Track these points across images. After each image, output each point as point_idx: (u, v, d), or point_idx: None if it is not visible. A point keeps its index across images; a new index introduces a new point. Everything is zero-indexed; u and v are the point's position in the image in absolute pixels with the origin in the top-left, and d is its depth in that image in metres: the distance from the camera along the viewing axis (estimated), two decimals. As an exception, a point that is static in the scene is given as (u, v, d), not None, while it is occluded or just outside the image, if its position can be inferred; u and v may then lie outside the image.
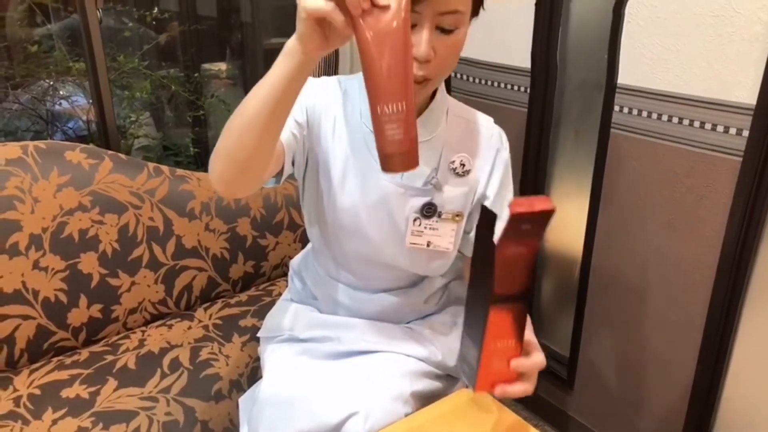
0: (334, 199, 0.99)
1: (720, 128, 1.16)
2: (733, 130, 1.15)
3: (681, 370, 1.33)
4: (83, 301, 1.31)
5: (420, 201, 0.98)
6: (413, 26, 0.83)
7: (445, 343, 1.09)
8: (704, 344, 1.27)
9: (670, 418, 1.38)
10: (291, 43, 0.70)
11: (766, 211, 1.17)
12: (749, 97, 1.11)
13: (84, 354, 1.28)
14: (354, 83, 1.02)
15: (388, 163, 0.70)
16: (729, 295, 1.21)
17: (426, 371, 1.05)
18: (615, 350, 1.48)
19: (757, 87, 1.09)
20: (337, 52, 1.95)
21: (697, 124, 1.19)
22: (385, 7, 0.66)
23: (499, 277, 0.69)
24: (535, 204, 0.66)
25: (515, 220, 0.65)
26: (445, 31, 0.84)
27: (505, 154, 1.03)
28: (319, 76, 1.70)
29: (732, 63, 1.12)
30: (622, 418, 1.51)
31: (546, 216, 0.66)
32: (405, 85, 0.68)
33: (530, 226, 0.66)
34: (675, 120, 1.23)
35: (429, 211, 0.99)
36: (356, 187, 0.98)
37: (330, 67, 1.97)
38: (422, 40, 0.82)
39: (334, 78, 1.04)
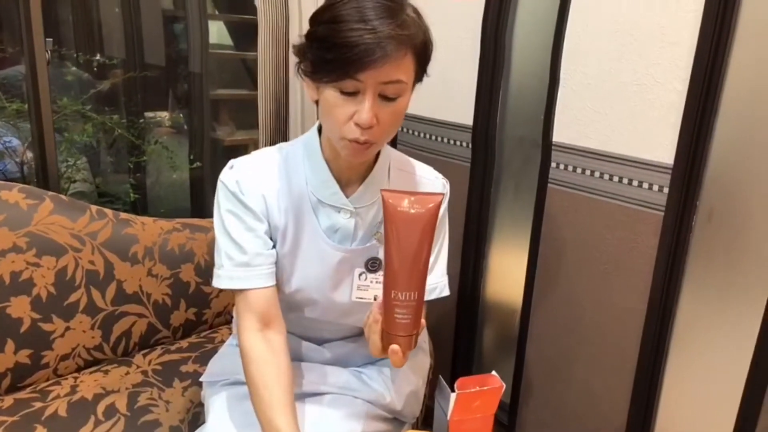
0: (289, 271, 1.00)
1: (645, 185, 1.25)
2: (655, 187, 1.23)
3: (616, 410, 1.37)
4: (9, 346, 1.23)
5: (364, 257, 1.00)
6: (356, 93, 0.85)
7: (394, 387, 1.10)
8: (636, 385, 1.32)
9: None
10: None
11: (685, 262, 1.25)
12: (668, 157, 1.20)
13: (8, 401, 1.19)
14: (297, 149, 1.01)
15: (389, 340, 0.75)
16: (657, 338, 1.28)
17: (374, 414, 1.05)
18: (554, 394, 1.51)
19: (674, 148, 1.19)
20: (287, 117, 1.95)
21: (625, 180, 1.28)
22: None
23: None
24: (482, 382, 0.73)
25: (463, 399, 0.71)
26: (388, 99, 0.86)
27: (445, 202, 1.05)
28: (268, 144, 1.70)
29: (653, 126, 1.22)
30: (562, 463, 1.53)
31: (494, 393, 0.73)
32: (421, 278, 0.75)
33: (480, 402, 0.72)
34: (606, 176, 1.31)
35: (374, 265, 1.00)
36: (308, 256, 0.99)
37: (279, 130, 1.95)
38: (365, 108, 0.84)
39: (260, 153, 1.02)
